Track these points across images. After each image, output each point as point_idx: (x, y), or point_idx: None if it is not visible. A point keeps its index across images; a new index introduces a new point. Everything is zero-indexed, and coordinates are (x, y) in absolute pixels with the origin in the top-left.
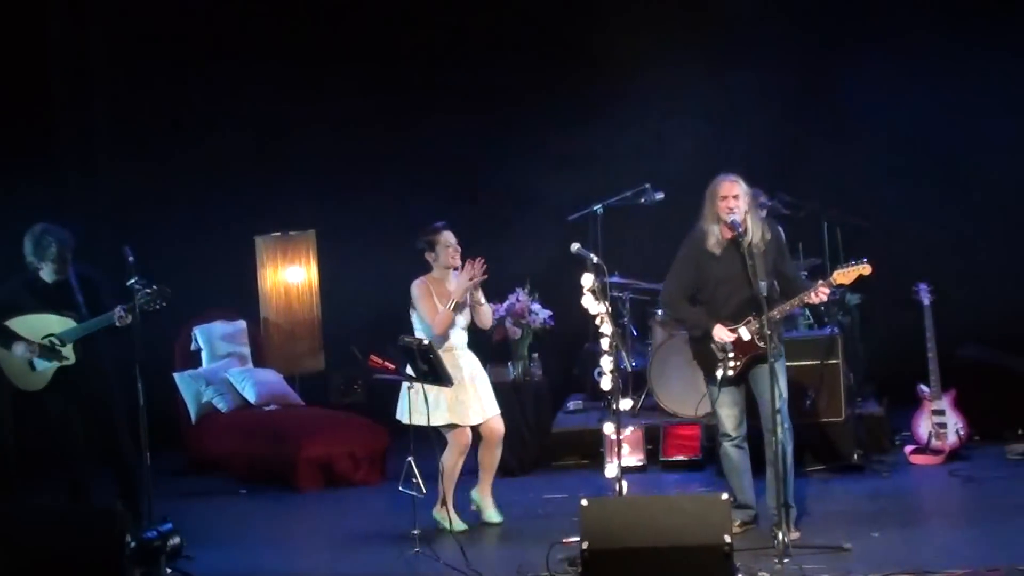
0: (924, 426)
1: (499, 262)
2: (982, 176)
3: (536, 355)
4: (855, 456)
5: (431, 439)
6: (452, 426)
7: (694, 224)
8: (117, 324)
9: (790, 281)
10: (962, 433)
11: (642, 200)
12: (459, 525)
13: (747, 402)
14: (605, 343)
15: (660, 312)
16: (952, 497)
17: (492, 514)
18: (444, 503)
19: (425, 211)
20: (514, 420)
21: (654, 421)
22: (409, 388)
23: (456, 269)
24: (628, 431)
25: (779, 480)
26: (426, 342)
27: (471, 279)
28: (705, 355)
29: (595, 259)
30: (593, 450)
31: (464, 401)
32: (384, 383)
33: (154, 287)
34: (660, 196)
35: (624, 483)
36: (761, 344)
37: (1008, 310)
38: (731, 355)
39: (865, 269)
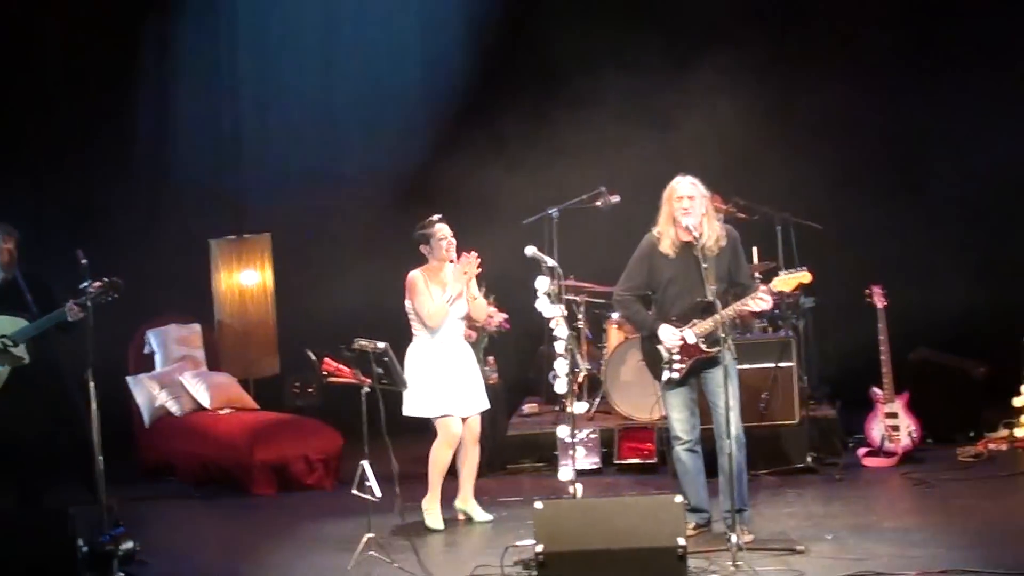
0: (877, 429)
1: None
2: (935, 180)
3: (491, 358)
4: (808, 458)
5: (386, 442)
6: (443, 416)
7: (650, 227)
8: (69, 319)
9: (745, 288)
10: (914, 436)
11: (598, 204)
12: (437, 524)
13: (701, 406)
14: (560, 346)
15: (615, 315)
16: (904, 499)
17: (481, 514)
18: (431, 497)
19: (381, 214)
20: None
21: (609, 424)
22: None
23: (452, 262)
24: (583, 434)
25: (730, 484)
26: (381, 345)
27: (465, 273)
28: (652, 356)
29: (550, 262)
30: (548, 453)
31: (457, 392)
32: (339, 387)
33: (105, 279)
34: (616, 200)
35: (578, 486)
36: (706, 348)
37: (960, 313)
38: (676, 357)
39: (804, 277)
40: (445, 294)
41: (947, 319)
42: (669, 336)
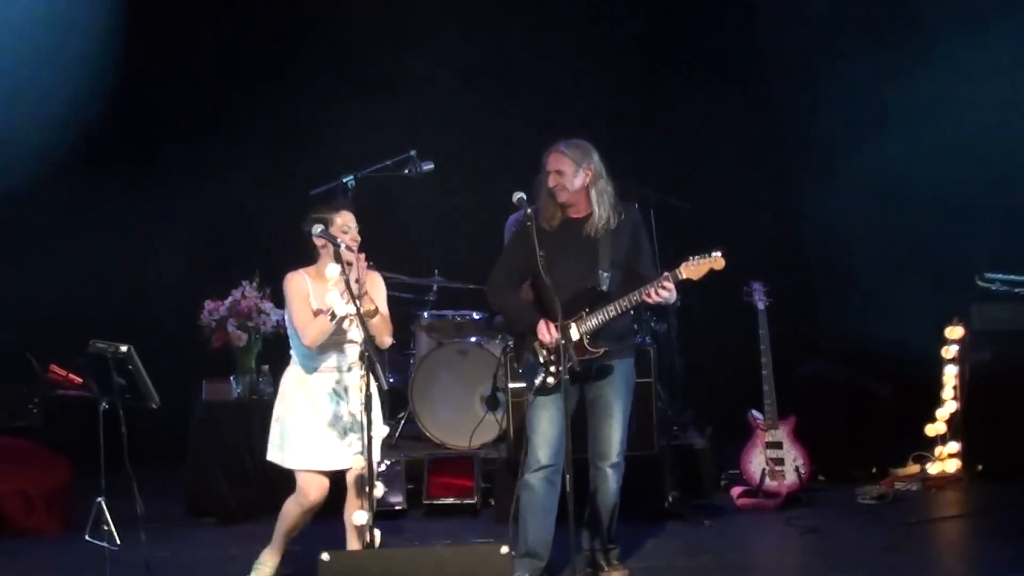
0: (756, 462)
1: (219, 248)
2: (841, 156)
3: (266, 367)
4: (669, 499)
5: (128, 473)
6: (299, 471)
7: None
8: None
9: (645, 281)
10: (803, 471)
11: (406, 172)
12: None
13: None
14: (354, 352)
15: (427, 315)
16: (789, 552)
17: None
18: (267, 550)
19: (127, 187)
20: (237, 450)
21: (416, 453)
22: (274, 419)
23: (350, 264)
24: (383, 466)
25: (600, 521)
26: (123, 349)
27: (356, 280)
28: (529, 359)
29: (343, 245)
30: (338, 490)
31: (325, 439)
32: (68, 401)
33: None
34: (429, 167)
35: (376, 532)
36: (591, 348)
37: (863, 319)
38: (553, 358)
39: (718, 263)
40: (328, 309)
41: (846, 325)
42: (547, 327)
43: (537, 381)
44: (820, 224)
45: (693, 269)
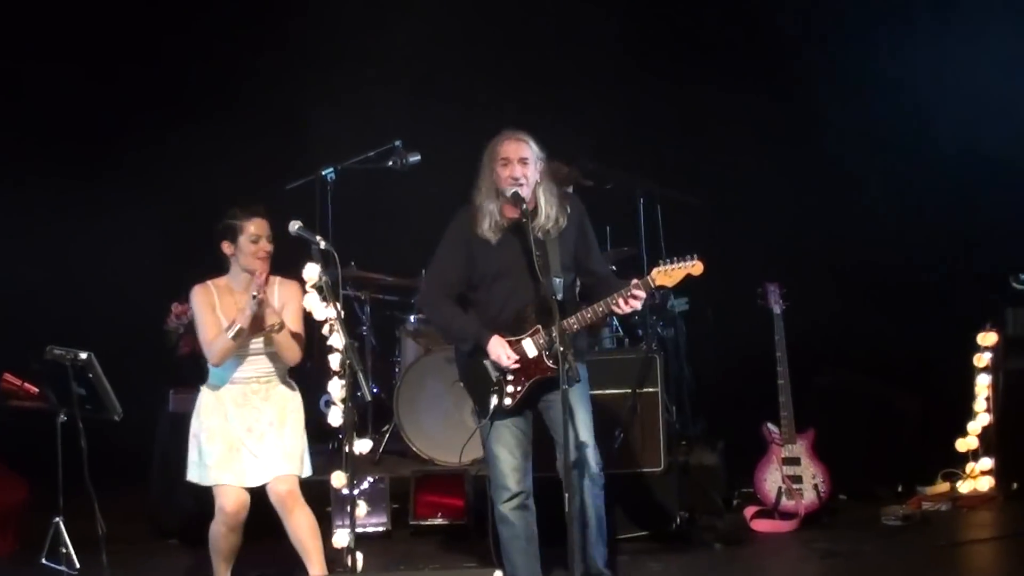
0: (772, 480)
1: (187, 247)
2: (855, 157)
3: None
4: (677, 520)
5: (89, 491)
6: (214, 487)
7: (470, 199)
8: None
9: (598, 279)
10: (822, 489)
11: (390, 164)
12: None
13: (537, 446)
14: (335, 361)
15: (413, 319)
16: None
17: None
18: None
19: (85, 181)
20: None
21: (402, 471)
22: (192, 436)
23: (252, 274)
24: (366, 484)
25: (585, 541)
26: (83, 356)
27: (255, 295)
28: (476, 377)
29: (322, 244)
30: (317, 509)
31: (237, 454)
32: (23, 412)
33: None
34: (416, 159)
35: (359, 555)
36: (552, 364)
37: (886, 324)
38: (510, 378)
39: (695, 268)
40: (230, 326)
41: (869, 331)
42: (502, 350)
43: (492, 405)
44: (840, 221)
45: (667, 275)
